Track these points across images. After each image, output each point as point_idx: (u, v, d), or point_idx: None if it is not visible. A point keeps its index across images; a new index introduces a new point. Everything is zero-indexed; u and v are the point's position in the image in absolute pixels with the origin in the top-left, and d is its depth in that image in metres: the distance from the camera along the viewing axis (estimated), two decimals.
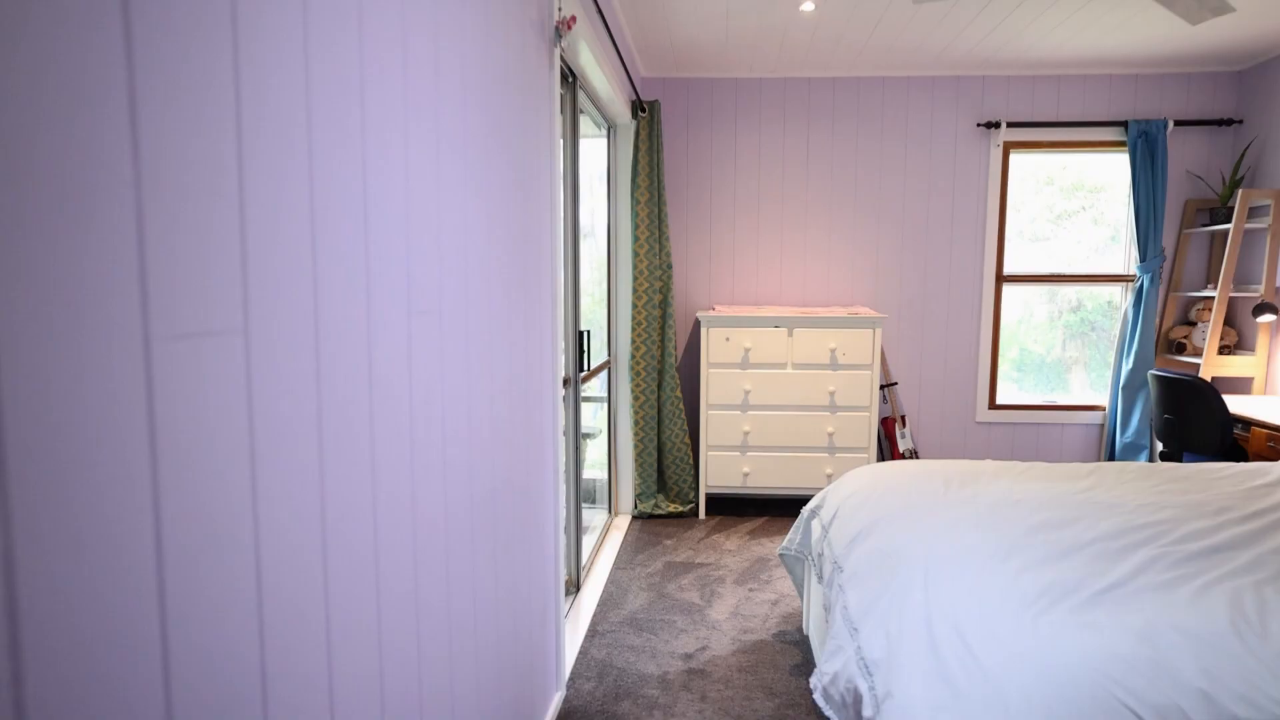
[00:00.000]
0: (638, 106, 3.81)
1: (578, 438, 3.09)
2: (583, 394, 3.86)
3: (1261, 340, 3.95)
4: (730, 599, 3.04)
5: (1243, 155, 4.11)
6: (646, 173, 3.86)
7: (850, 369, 3.90)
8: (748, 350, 3.89)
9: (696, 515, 4.05)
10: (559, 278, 2.22)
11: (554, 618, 2.24)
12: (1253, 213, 3.98)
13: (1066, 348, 4.58)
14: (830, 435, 3.91)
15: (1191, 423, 3.36)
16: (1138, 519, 1.88)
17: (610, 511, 4.01)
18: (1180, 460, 3.62)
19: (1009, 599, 1.48)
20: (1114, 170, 4.44)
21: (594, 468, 4.12)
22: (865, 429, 3.92)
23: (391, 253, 1.11)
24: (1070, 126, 4.26)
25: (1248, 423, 3.29)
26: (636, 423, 3.95)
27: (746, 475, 3.94)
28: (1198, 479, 2.35)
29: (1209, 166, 4.30)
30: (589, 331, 3.07)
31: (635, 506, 4.00)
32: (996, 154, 4.32)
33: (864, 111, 4.34)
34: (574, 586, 3.09)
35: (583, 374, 3.09)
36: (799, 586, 2.76)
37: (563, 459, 2.29)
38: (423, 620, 1.24)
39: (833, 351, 3.88)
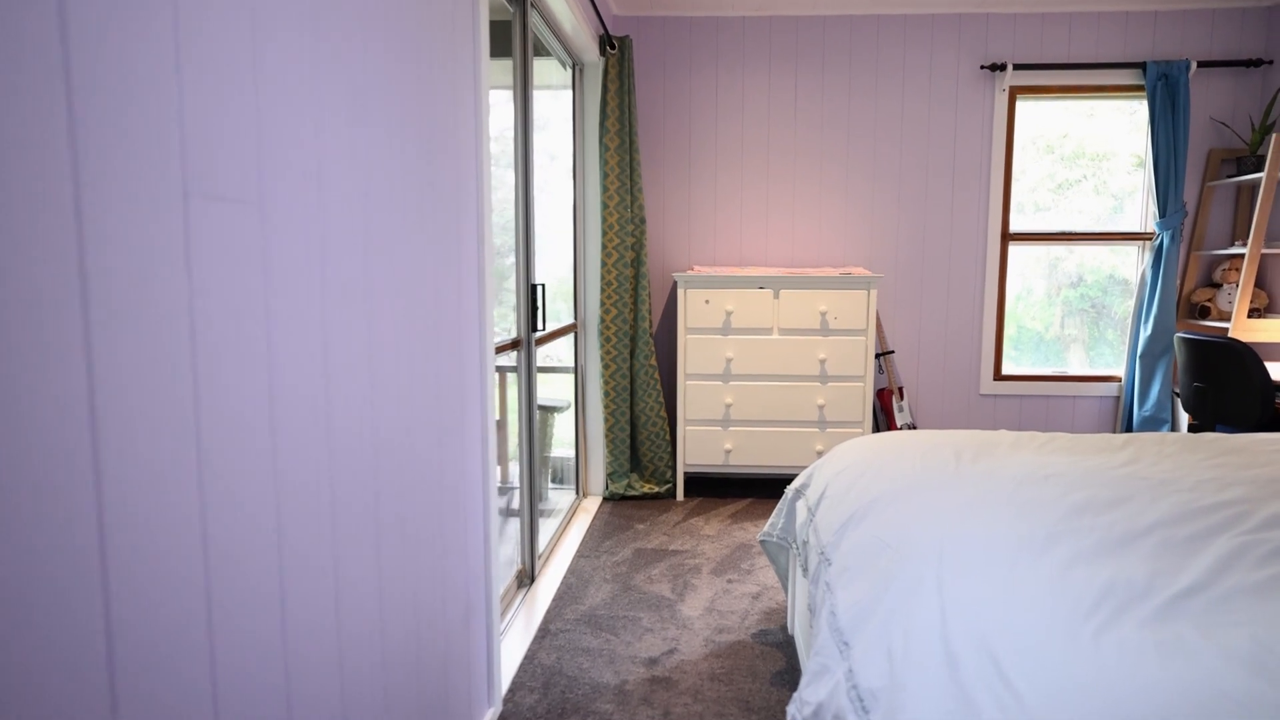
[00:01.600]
0: (606, 42, 3.39)
1: (531, 409, 2.70)
2: (547, 362, 3.47)
3: None
4: (706, 592, 2.67)
5: (1274, 98, 3.71)
6: (616, 117, 3.44)
7: (842, 334, 3.51)
8: (729, 314, 3.50)
9: (673, 496, 3.67)
10: (488, 205, 1.81)
11: (485, 622, 1.86)
12: None
13: (1065, 325, 4.22)
14: (821, 408, 3.53)
15: (1226, 391, 2.99)
16: (1202, 499, 1.50)
17: (578, 493, 3.62)
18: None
19: (1057, 606, 1.10)
20: (1121, 133, 4.04)
21: (564, 445, 3.74)
22: (859, 401, 3.54)
23: (136, 67, 0.70)
24: (1083, 69, 3.86)
25: None
26: (607, 394, 3.55)
27: (729, 452, 3.56)
28: (1255, 451, 1.98)
29: (1235, 112, 3.91)
30: (543, 286, 2.66)
31: (606, 487, 3.61)
32: (1002, 99, 3.92)
33: (857, 54, 3.92)
34: (528, 578, 2.71)
35: (537, 335, 2.69)
36: (783, 578, 2.39)
37: (494, 435, 1.90)
38: (220, 646, 0.85)
39: (823, 315, 3.50)
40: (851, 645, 1.28)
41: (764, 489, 3.82)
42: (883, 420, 3.97)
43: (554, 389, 3.81)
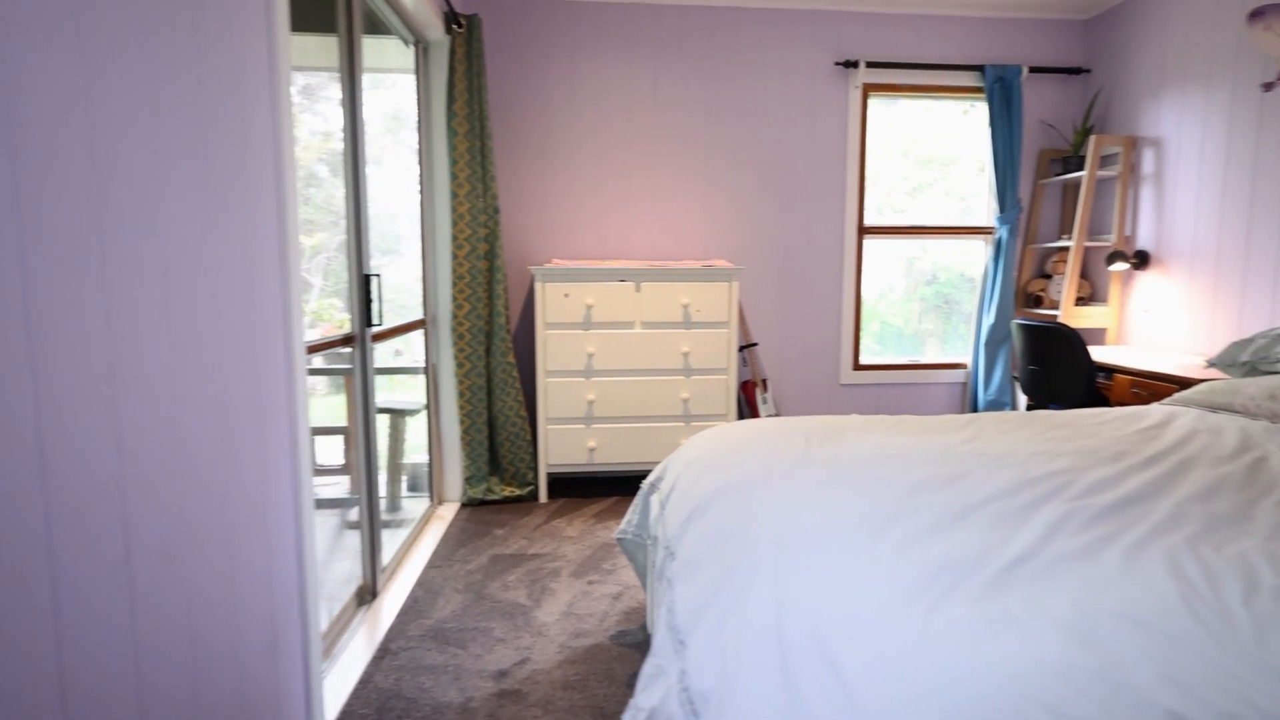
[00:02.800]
0: (452, 19, 3.19)
1: (369, 411, 2.48)
2: (408, 362, 3.26)
3: (1114, 290, 3.87)
4: (564, 596, 2.53)
5: (1092, 103, 4.00)
6: (465, 100, 3.25)
7: (705, 327, 3.48)
8: (590, 308, 3.38)
9: (536, 499, 3.52)
10: (291, 180, 1.60)
11: (300, 651, 1.65)
12: (1104, 161, 3.88)
13: (923, 320, 4.42)
14: (685, 401, 3.48)
15: (1057, 372, 3.16)
16: (1033, 470, 1.51)
17: (433, 499, 3.40)
18: None
19: (891, 588, 1.04)
20: (968, 139, 4.25)
21: (420, 450, 3.50)
22: (723, 393, 3.51)
23: None
24: (929, 69, 4.02)
25: (1110, 370, 3.13)
26: (462, 394, 3.35)
27: (592, 450, 3.44)
28: (1082, 425, 2.06)
29: (1061, 115, 4.19)
30: (378, 276, 2.45)
31: (464, 492, 3.41)
32: (855, 96, 4.02)
33: (716, 44, 3.92)
34: (369, 594, 2.48)
35: (374, 330, 2.47)
36: (642, 576, 2.29)
37: (308, 442, 1.69)
38: None
39: (685, 308, 3.45)
40: (687, 644, 1.18)
41: (630, 486, 3.73)
42: (747, 412, 3.97)
43: (408, 391, 3.57)
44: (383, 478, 3.11)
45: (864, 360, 4.25)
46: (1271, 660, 0.84)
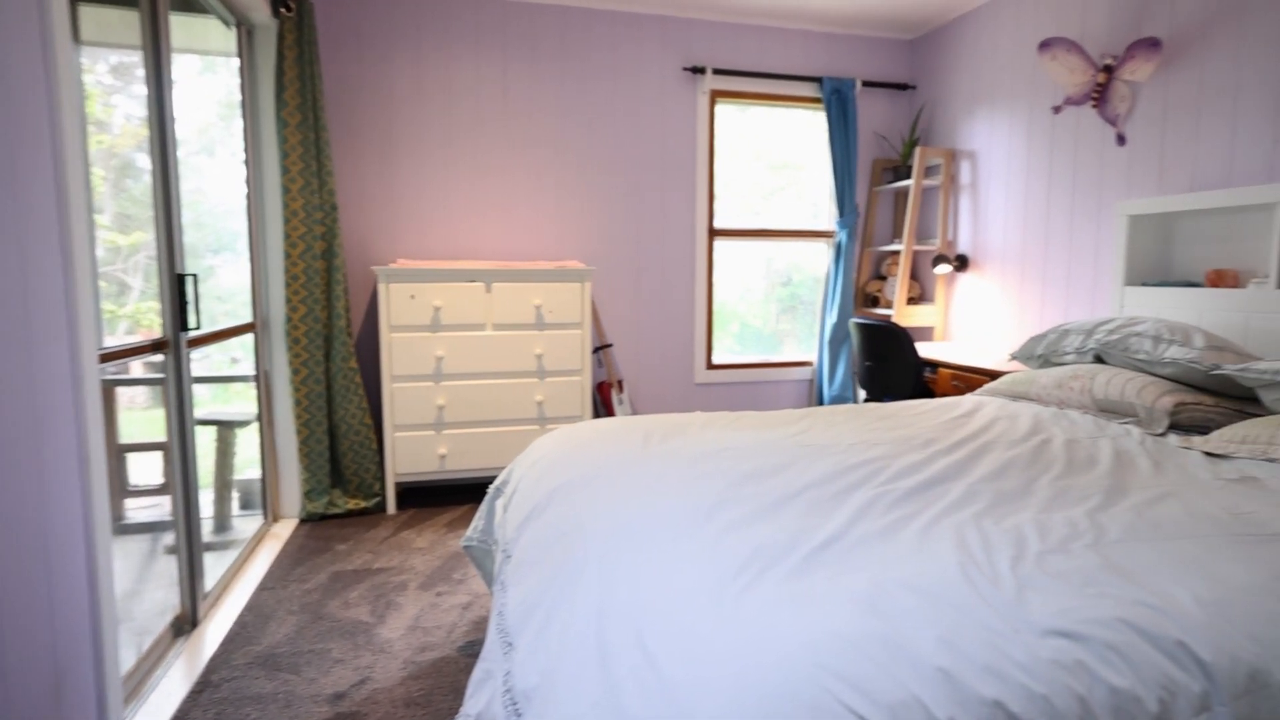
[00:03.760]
0: (280, 1, 3.00)
1: (185, 424, 2.27)
2: (235, 369, 3.02)
3: (940, 290, 4.19)
4: (410, 610, 2.43)
5: (918, 117, 4.32)
6: (297, 89, 3.06)
7: (559, 328, 3.46)
8: (438, 309, 3.28)
9: (383, 510, 3.36)
10: (74, 164, 1.44)
11: (93, 692, 1.48)
12: (929, 171, 4.19)
13: (780, 321, 4.61)
14: (540, 404, 3.44)
15: (890, 367, 3.38)
16: (851, 459, 1.60)
17: (268, 517, 3.17)
18: None
19: (706, 575, 1.06)
20: (816, 145, 4.48)
21: (254, 465, 3.25)
22: (578, 395, 3.51)
23: None
24: (772, 79, 4.19)
25: (935, 364, 3.39)
26: (299, 403, 3.15)
27: (444, 457, 3.33)
28: (903, 415, 2.21)
29: (892, 127, 4.49)
30: (195, 276, 2.26)
31: (303, 508, 3.20)
32: (704, 101, 4.14)
33: (567, 44, 3.91)
34: (188, 624, 2.28)
35: (190, 336, 2.27)
36: (489, 584, 2.23)
37: (103, 461, 1.53)
38: None
39: (538, 309, 3.41)
40: (515, 645, 1.16)
41: (484, 493, 3.64)
42: (603, 413, 3.99)
43: (246, 402, 3.31)
44: (208, 496, 2.87)
45: (720, 360, 4.38)
46: (1026, 616, 0.93)
